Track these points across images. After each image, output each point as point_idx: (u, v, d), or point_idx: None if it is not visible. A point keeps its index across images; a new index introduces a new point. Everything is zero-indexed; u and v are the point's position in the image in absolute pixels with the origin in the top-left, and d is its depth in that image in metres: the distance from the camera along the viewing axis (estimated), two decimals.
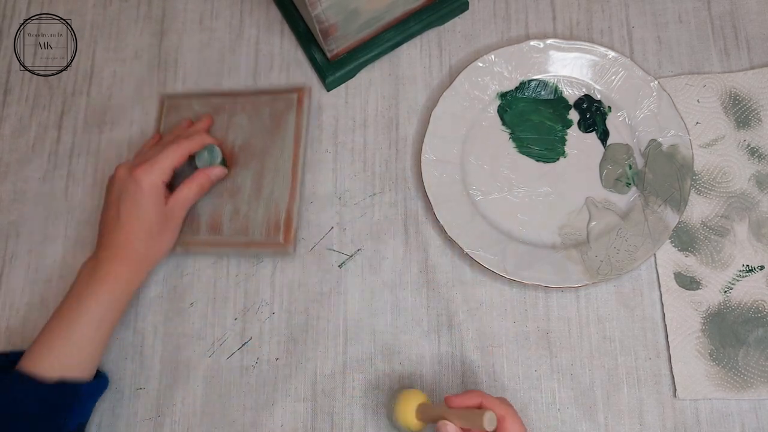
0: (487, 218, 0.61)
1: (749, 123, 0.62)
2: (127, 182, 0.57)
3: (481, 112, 0.64)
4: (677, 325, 0.57)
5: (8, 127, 0.69)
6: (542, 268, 0.58)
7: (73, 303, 0.55)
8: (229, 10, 0.71)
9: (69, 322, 0.54)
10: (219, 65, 0.69)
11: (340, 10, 0.59)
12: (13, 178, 0.67)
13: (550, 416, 0.56)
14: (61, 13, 0.72)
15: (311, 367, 0.59)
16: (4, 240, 0.65)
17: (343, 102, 0.67)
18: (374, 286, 0.61)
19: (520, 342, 0.58)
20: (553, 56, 0.64)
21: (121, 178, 0.58)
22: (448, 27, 0.68)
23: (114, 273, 0.56)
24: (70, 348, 0.53)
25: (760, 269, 0.58)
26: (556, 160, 0.62)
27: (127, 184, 0.57)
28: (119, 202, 0.57)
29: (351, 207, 0.63)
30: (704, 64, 0.64)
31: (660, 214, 0.59)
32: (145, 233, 0.57)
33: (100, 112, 0.68)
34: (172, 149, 0.59)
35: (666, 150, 0.61)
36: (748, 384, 0.55)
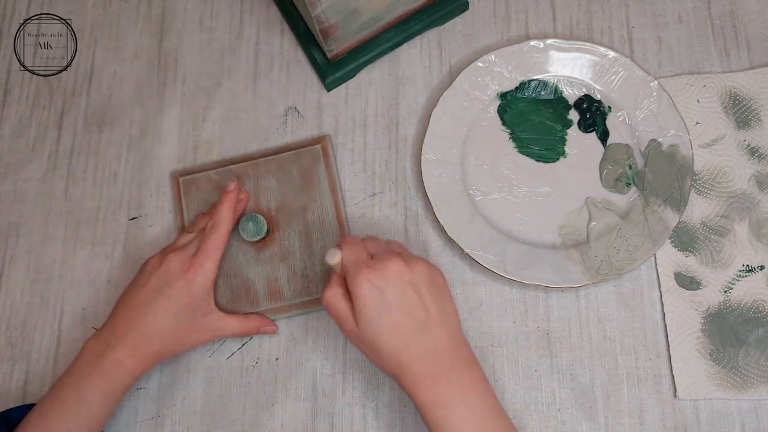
0: (487, 218, 0.61)
1: (749, 123, 0.62)
2: (176, 279, 0.52)
3: (481, 112, 0.64)
4: (677, 325, 0.57)
5: (8, 127, 0.69)
6: (542, 268, 0.58)
7: (72, 384, 0.51)
8: (229, 10, 0.71)
9: (64, 405, 0.51)
10: (219, 65, 0.69)
11: (340, 10, 0.59)
12: (13, 178, 0.67)
13: (550, 416, 0.56)
14: (61, 13, 0.72)
15: (311, 367, 0.59)
16: (4, 240, 0.65)
17: (343, 102, 0.67)
18: None
19: (520, 342, 0.58)
20: (553, 56, 0.64)
21: (170, 272, 0.53)
22: (448, 27, 0.68)
23: (121, 365, 0.52)
24: (64, 428, 0.50)
25: (760, 269, 0.58)
26: (556, 160, 0.62)
27: (175, 281, 0.52)
28: (157, 293, 0.52)
29: (351, 207, 0.63)
30: (704, 64, 0.64)
31: (660, 214, 0.59)
32: (172, 336, 0.53)
33: (100, 112, 0.68)
34: (217, 238, 0.54)
35: (666, 150, 0.61)
36: (749, 384, 0.55)
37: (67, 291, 0.63)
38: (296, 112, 0.67)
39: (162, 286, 0.53)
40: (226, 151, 0.66)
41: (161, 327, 0.52)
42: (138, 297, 0.53)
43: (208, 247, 0.54)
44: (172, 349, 0.54)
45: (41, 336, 0.62)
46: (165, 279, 0.53)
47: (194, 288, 0.53)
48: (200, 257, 0.53)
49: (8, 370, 0.61)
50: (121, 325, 0.52)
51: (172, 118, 0.67)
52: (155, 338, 0.52)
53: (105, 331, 0.53)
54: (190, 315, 0.53)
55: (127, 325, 0.52)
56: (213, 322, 0.55)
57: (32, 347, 0.62)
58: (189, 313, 0.53)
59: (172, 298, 0.52)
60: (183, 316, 0.53)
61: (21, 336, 0.62)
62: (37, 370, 0.61)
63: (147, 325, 0.52)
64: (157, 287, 0.53)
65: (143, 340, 0.52)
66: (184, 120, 0.67)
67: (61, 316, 0.62)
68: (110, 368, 0.51)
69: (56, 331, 0.62)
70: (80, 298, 0.63)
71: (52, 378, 0.61)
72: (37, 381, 0.61)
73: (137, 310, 0.53)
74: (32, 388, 0.61)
